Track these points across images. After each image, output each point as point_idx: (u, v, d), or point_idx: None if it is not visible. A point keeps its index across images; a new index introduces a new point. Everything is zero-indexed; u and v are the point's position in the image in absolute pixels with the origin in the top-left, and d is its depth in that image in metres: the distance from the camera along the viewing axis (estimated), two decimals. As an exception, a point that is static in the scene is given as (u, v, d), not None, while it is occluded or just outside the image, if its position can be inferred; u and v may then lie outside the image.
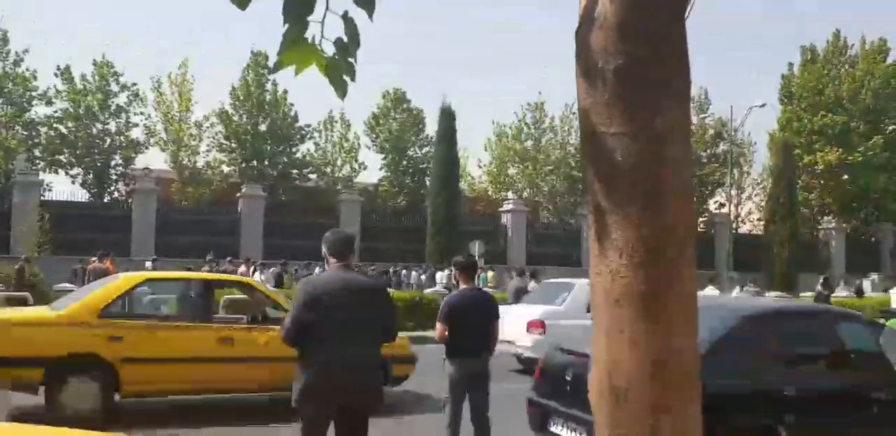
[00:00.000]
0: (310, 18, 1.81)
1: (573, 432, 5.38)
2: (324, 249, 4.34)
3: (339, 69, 1.86)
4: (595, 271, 2.24)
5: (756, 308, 5.97)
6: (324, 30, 1.79)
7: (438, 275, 24.88)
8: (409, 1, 59.52)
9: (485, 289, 8.55)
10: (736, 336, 5.38)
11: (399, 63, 70.61)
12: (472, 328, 5.75)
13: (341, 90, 1.92)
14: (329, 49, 1.86)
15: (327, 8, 1.78)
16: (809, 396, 5.21)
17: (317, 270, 20.01)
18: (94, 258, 16.65)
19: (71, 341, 6.92)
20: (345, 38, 1.84)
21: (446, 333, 5.77)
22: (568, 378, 5.51)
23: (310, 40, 1.85)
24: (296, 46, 1.78)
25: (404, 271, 26.20)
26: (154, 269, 19.57)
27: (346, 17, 1.81)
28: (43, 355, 6.80)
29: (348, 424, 4.21)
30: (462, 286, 5.98)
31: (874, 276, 33.08)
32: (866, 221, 40.40)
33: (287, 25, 1.78)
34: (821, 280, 18.50)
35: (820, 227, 39.05)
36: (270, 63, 33.75)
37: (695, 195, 29.56)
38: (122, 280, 7.94)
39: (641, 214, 2.10)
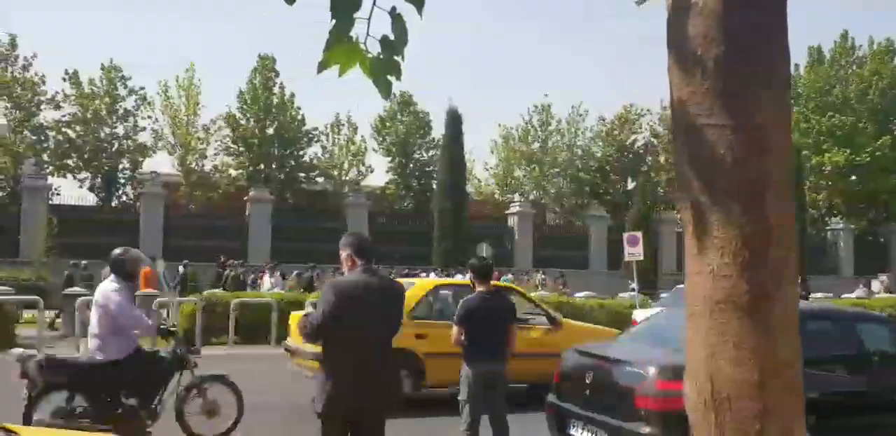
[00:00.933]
0: (356, 15, 1.77)
1: (594, 436, 5.35)
2: (346, 252, 4.31)
3: (383, 69, 1.82)
4: (693, 271, 2.12)
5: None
6: (370, 27, 1.75)
7: (458, 278, 24.77)
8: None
9: None
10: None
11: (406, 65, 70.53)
12: (488, 331, 5.73)
13: (385, 90, 1.88)
14: (373, 48, 1.82)
15: (374, 4, 1.74)
16: (832, 398, 5.17)
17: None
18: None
19: None
20: (391, 36, 1.80)
21: (462, 336, 5.75)
22: (588, 381, 5.49)
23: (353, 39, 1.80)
24: (340, 45, 1.74)
25: (423, 274, 26.09)
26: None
27: (394, 13, 1.77)
28: None
29: (368, 425, 4.21)
30: (478, 289, 5.96)
31: (883, 277, 32.91)
32: (875, 222, 40.21)
33: (334, 22, 1.74)
34: (799, 280, 18.27)
35: (828, 228, 38.88)
36: (278, 67, 34.11)
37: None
38: (420, 286, 9.41)
39: (744, 211, 2.01)
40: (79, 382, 5.95)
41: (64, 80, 30.71)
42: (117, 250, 6.31)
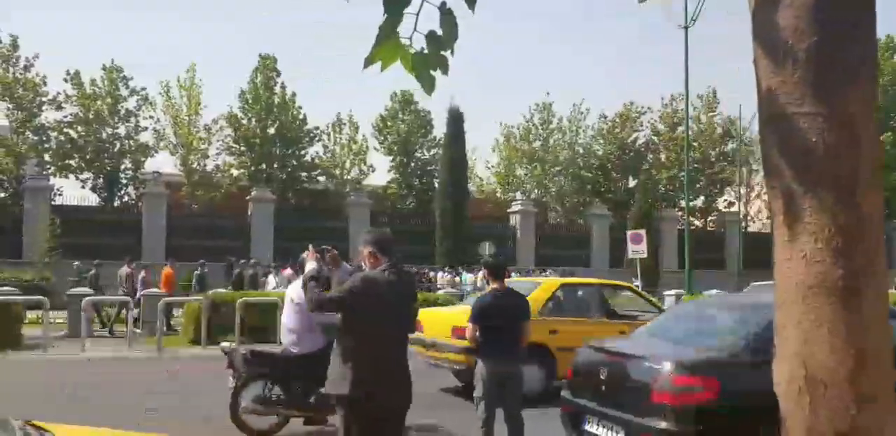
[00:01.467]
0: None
1: (609, 431, 5.35)
2: (369, 249, 4.33)
3: (427, 64, 1.82)
4: (784, 257, 2.15)
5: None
6: (417, 23, 1.76)
7: (468, 276, 24.85)
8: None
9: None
10: (772, 333, 5.35)
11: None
12: (502, 329, 5.74)
13: (429, 86, 1.89)
14: (417, 44, 1.82)
15: None
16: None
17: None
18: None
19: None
20: (438, 31, 1.80)
21: (477, 333, 5.76)
22: (602, 377, 5.49)
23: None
24: (389, 41, 1.74)
25: (432, 273, 26.11)
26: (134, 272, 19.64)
27: (443, 8, 1.78)
28: None
29: (389, 421, 4.22)
30: (492, 287, 5.97)
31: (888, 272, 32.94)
32: (878, 219, 40.19)
33: (384, 18, 1.74)
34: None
35: (830, 225, 38.86)
36: (279, 66, 34.10)
37: (704, 194, 29.21)
38: (547, 285, 9.79)
39: (837, 198, 2.04)
40: (277, 373, 6.59)
41: (65, 80, 30.70)
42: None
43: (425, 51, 1.80)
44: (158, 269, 19.67)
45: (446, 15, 1.79)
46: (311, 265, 4.46)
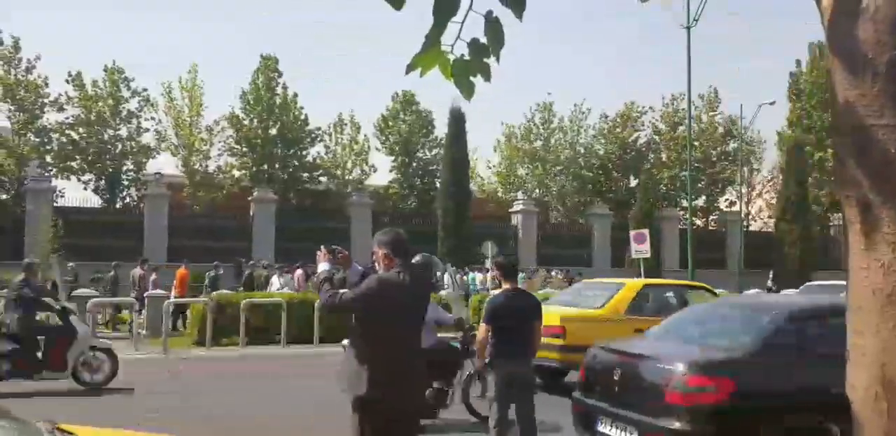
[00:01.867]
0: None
1: (622, 432, 5.37)
2: (383, 250, 4.32)
3: (468, 70, 1.84)
4: (861, 265, 2.19)
5: (802, 306, 5.95)
6: (461, 31, 1.77)
7: (476, 275, 24.87)
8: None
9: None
10: (784, 334, 5.37)
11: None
12: (515, 329, 5.74)
13: (467, 91, 1.91)
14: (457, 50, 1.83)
15: (470, 8, 1.76)
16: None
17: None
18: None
19: (613, 332, 8.47)
20: (481, 39, 1.82)
21: (489, 334, 5.77)
22: (616, 378, 5.51)
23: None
24: (434, 48, 1.76)
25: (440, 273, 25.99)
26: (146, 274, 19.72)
27: (489, 17, 1.80)
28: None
29: (402, 423, 4.22)
30: (504, 287, 5.98)
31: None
32: (877, 218, 40.21)
33: (432, 26, 1.76)
34: (770, 275, 17.93)
35: (831, 224, 38.90)
36: (280, 67, 34.07)
37: (705, 193, 29.27)
38: (631, 285, 10.25)
39: None
40: None
41: (67, 81, 30.69)
42: (417, 257, 6.57)
43: (465, 57, 1.82)
44: (166, 270, 19.71)
45: (493, 23, 1.80)
46: (322, 267, 4.44)
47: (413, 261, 6.28)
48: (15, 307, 9.50)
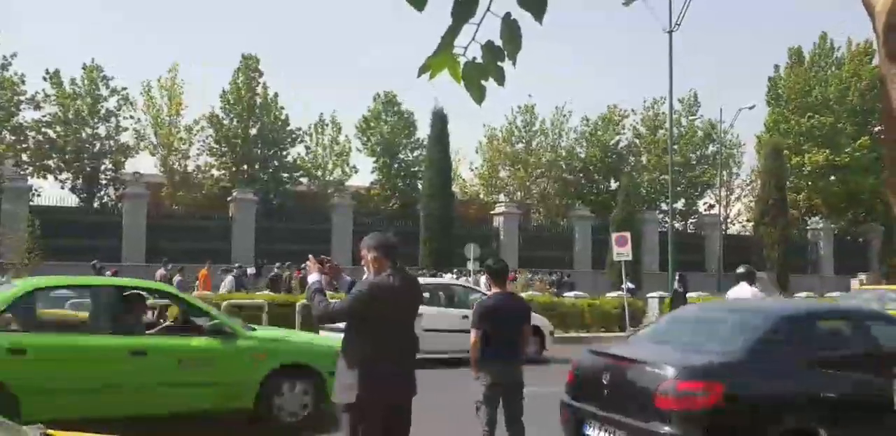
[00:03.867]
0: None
1: (612, 436, 5.35)
2: (373, 254, 4.33)
3: (479, 74, 1.80)
4: None
5: (792, 310, 5.97)
6: (477, 33, 1.73)
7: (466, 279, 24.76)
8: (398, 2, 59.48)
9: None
10: (774, 339, 5.38)
11: (390, 65, 70.59)
12: (503, 333, 5.71)
13: (478, 95, 1.86)
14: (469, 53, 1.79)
15: (488, 9, 1.72)
16: (848, 397, 5.22)
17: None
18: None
19: None
20: (496, 42, 1.78)
21: (479, 339, 5.72)
22: (605, 382, 5.49)
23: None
24: (447, 50, 1.72)
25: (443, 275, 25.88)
26: (170, 275, 19.67)
27: (507, 19, 1.76)
28: None
29: (394, 422, 4.27)
30: (494, 290, 5.94)
31: (862, 276, 33.38)
32: (854, 222, 40.72)
33: (448, 27, 1.72)
34: (677, 277, 17.72)
35: (808, 227, 39.33)
36: (262, 66, 33.88)
37: (685, 197, 29.45)
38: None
39: None
40: None
41: (45, 79, 30.32)
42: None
43: (477, 60, 1.78)
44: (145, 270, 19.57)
45: (510, 25, 1.76)
46: (313, 278, 4.44)
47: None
48: None
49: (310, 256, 4.66)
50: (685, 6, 21.89)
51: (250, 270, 22.96)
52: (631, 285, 20.31)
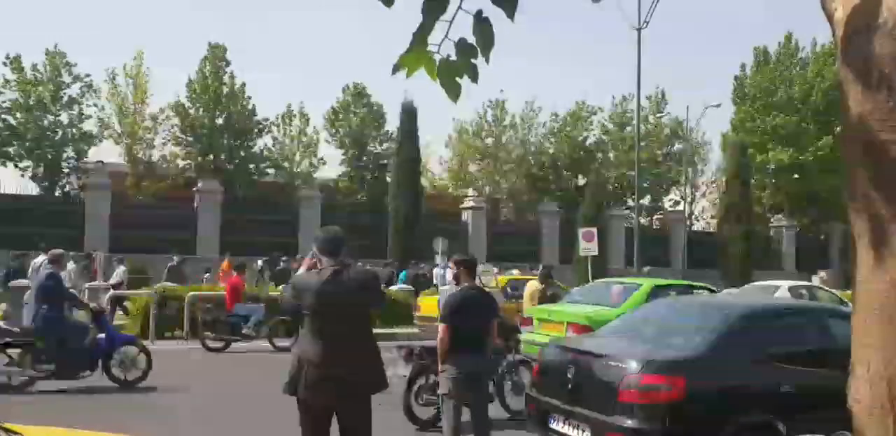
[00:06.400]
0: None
1: (576, 430, 5.38)
2: (314, 248, 4.46)
3: (454, 71, 1.78)
4: (866, 278, 2.21)
5: (753, 307, 6.05)
6: (449, 30, 1.71)
7: (436, 271, 24.67)
8: (367, -5, 59.05)
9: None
10: (735, 334, 5.45)
11: (359, 56, 70.15)
12: (472, 326, 5.69)
13: (454, 93, 1.85)
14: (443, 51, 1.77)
15: (460, 7, 1.70)
16: (807, 392, 5.30)
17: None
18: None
19: None
20: (468, 39, 1.76)
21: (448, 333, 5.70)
22: (570, 376, 5.51)
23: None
24: (420, 47, 1.69)
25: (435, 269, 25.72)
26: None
27: (479, 16, 1.74)
28: None
29: (344, 414, 4.28)
30: (463, 284, 5.92)
31: (822, 273, 34.03)
32: (816, 220, 41.45)
33: (420, 24, 1.69)
34: (540, 269, 17.54)
35: (771, 225, 39.94)
36: (229, 56, 33.44)
37: (650, 193, 29.66)
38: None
39: None
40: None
41: (4, 64, 29.60)
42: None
43: (452, 58, 1.76)
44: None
45: (483, 23, 1.75)
46: (300, 272, 4.61)
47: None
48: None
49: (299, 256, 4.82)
50: (654, 4, 22.03)
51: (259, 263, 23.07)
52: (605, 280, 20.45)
